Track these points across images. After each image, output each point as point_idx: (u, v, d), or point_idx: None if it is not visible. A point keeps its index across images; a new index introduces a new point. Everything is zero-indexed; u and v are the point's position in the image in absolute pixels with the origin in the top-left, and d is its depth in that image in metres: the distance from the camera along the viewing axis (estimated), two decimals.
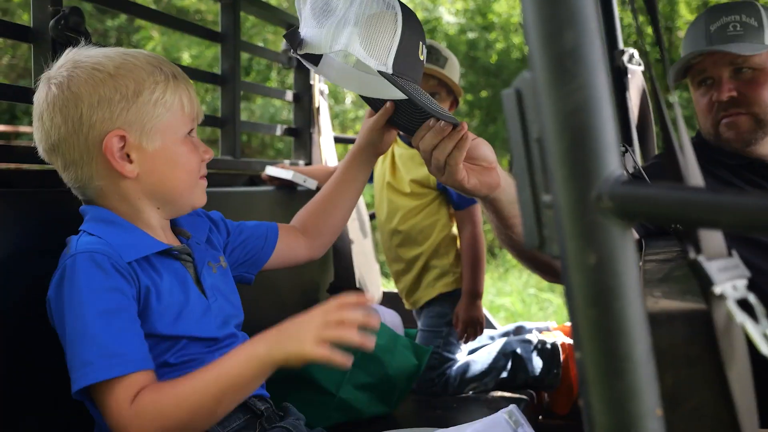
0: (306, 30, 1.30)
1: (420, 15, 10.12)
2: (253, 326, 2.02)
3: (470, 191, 1.32)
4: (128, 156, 1.22)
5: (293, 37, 1.30)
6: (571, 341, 2.28)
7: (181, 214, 1.34)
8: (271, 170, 2.22)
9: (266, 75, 9.93)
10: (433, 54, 2.26)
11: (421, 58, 1.34)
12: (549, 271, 1.61)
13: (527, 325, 2.49)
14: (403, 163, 2.32)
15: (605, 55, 0.62)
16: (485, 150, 1.33)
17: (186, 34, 2.10)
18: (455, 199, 2.25)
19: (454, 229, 2.31)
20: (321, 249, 1.66)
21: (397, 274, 2.38)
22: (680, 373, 0.69)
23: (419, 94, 1.29)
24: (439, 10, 10.26)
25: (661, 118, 0.80)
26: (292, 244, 1.60)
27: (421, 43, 1.34)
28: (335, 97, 9.72)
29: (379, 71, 1.25)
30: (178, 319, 1.21)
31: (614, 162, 0.60)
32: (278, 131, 2.59)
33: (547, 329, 2.39)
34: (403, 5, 1.30)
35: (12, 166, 1.49)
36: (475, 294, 2.24)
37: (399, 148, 2.35)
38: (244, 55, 9.35)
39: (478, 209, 2.24)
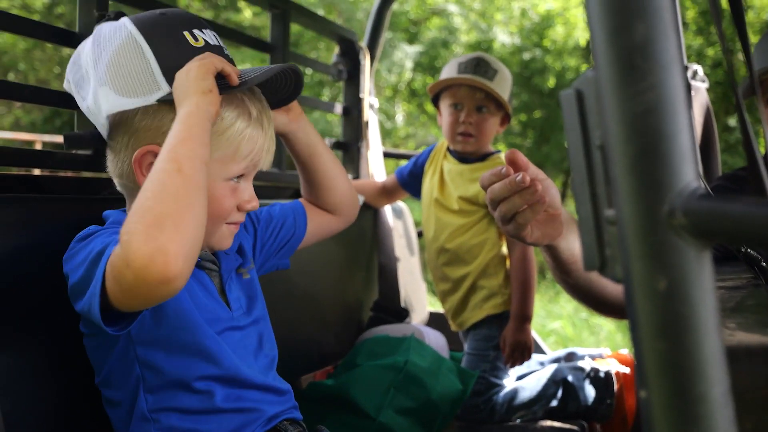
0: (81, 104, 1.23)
1: (474, 36, 10.08)
2: (293, 344, 1.98)
3: (531, 244, 1.21)
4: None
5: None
6: (626, 370, 2.17)
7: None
8: None
9: (318, 92, 9.98)
10: (482, 66, 2.18)
11: (198, 44, 1.17)
12: (610, 308, 1.50)
13: (579, 351, 2.38)
14: (451, 179, 2.25)
15: (681, 51, 0.55)
16: (553, 194, 1.18)
17: (234, 43, 2.07)
18: None
19: (504, 249, 2.22)
20: (349, 216, 1.56)
21: (444, 294, 2.30)
22: (763, 418, 0.60)
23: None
24: (494, 30, 10.18)
25: (744, 130, 0.72)
26: (320, 219, 1.52)
27: (184, 32, 1.17)
28: (386, 113, 9.70)
29: (159, 101, 1.13)
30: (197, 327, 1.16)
31: (690, 172, 0.52)
32: (327, 144, 2.54)
33: (601, 356, 2.28)
34: (135, 17, 1.19)
35: (47, 172, 1.47)
36: (524, 317, 2.14)
37: (448, 164, 2.28)
38: None
39: None
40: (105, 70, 1.14)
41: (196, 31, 1.18)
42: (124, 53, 1.14)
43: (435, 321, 2.68)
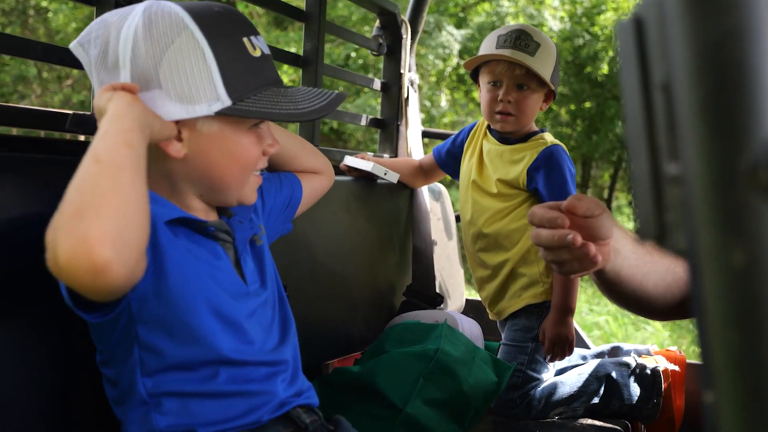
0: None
1: (522, 20, 9.87)
2: (318, 327, 1.89)
3: (575, 277, 1.09)
4: (179, 132, 1.08)
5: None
6: (675, 368, 2.04)
7: (225, 206, 1.20)
8: (350, 160, 2.07)
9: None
10: (523, 40, 2.03)
11: (255, 54, 1.12)
12: (660, 314, 1.35)
13: (624, 346, 2.25)
14: (490, 160, 2.13)
15: None
16: (606, 226, 1.05)
17: (267, 10, 1.97)
18: (548, 200, 2.03)
19: None
20: (330, 173, 1.58)
21: (481, 281, 2.18)
22: None
23: (288, 101, 1.12)
24: (544, 14, 9.96)
25: None
26: (308, 179, 1.50)
27: (244, 39, 1.12)
28: (431, 100, 9.57)
29: (217, 113, 1.06)
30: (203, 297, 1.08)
31: None
32: (363, 121, 2.44)
33: (648, 353, 2.14)
34: (193, 11, 1.09)
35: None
36: (566, 309, 2.02)
37: (488, 144, 2.15)
38: (339, 53, 9.40)
39: None
40: (161, 71, 1.05)
41: (252, 39, 1.13)
42: (185, 55, 1.05)
43: (472, 309, 2.57)
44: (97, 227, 0.83)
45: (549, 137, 2.11)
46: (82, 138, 1.49)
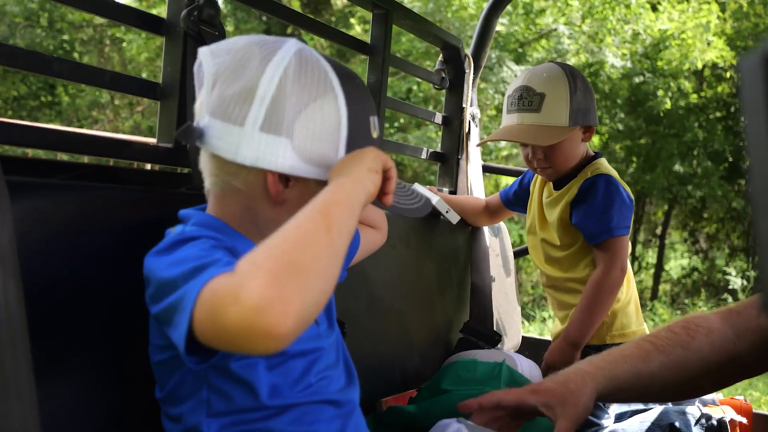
0: (211, 120, 1.04)
1: (583, 58, 9.78)
2: (374, 363, 1.86)
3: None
4: (287, 178, 1.05)
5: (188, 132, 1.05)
6: (742, 419, 1.94)
7: None
8: (417, 189, 2.04)
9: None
10: (525, 99, 1.97)
11: (374, 135, 1.10)
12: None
13: None
14: (547, 205, 2.11)
15: None
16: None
17: (333, 42, 1.98)
18: (586, 233, 1.98)
19: None
20: (386, 230, 1.61)
21: (560, 319, 2.16)
22: None
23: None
24: (605, 52, 9.85)
25: None
26: (366, 233, 1.51)
27: (371, 117, 1.10)
28: (488, 133, 9.54)
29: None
30: None
31: None
32: (424, 154, 2.42)
33: (713, 402, 2.05)
34: (339, 73, 1.06)
35: (125, 163, 1.40)
36: (574, 342, 1.96)
37: (547, 189, 2.12)
38: (401, 87, 9.43)
39: (620, 247, 1.95)
40: (297, 123, 1.02)
41: (374, 119, 1.11)
42: (325, 117, 1.04)
43: (529, 346, 2.51)
44: (301, 297, 0.78)
45: (601, 165, 2.05)
46: (148, 167, 1.50)
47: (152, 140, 1.46)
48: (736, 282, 9.45)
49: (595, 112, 2.05)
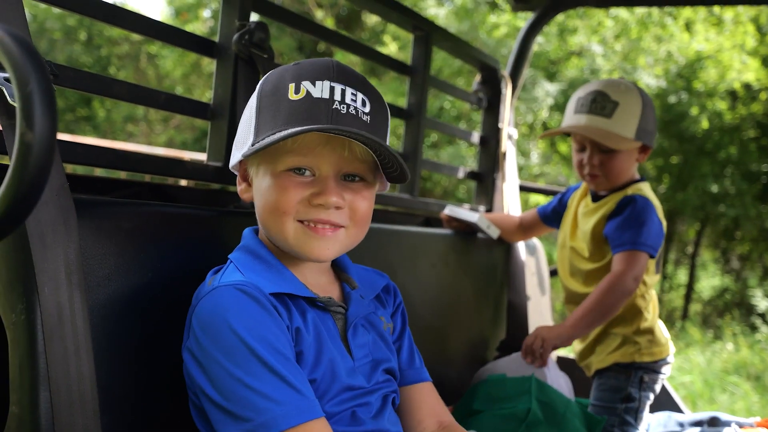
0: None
1: (617, 77, 9.73)
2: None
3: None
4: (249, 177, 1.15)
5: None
6: None
7: (303, 260, 1.15)
8: (453, 210, 2.07)
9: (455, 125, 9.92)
10: (598, 102, 2.00)
11: (296, 96, 1.07)
12: None
13: (723, 416, 2.15)
14: (582, 217, 2.11)
15: None
16: None
17: (373, 62, 2.02)
18: (612, 241, 1.99)
19: (641, 296, 2.04)
20: None
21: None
22: None
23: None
24: (639, 72, 9.80)
25: None
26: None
27: (292, 84, 1.08)
28: (521, 150, 9.53)
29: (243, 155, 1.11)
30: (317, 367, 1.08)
31: None
32: (461, 173, 2.45)
33: (751, 425, 2.04)
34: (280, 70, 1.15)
35: (182, 182, 1.45)
36: (571, 332, 1.94)
37: (584, 204, 2.14)
38: (432, 104, 9.46)
39: (639, 260, 1.93)
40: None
41: (305, 83, 1.08)
42: (247, 109, 1.17)
43: (563, 365, 2.51)
44: None
45: (644, 187, 2.06)
46: (189, 183, 1.54)
47: (202, 157, 1.51)
48: (763, 304, 9.31)
49: (655, 136, 2.07)
